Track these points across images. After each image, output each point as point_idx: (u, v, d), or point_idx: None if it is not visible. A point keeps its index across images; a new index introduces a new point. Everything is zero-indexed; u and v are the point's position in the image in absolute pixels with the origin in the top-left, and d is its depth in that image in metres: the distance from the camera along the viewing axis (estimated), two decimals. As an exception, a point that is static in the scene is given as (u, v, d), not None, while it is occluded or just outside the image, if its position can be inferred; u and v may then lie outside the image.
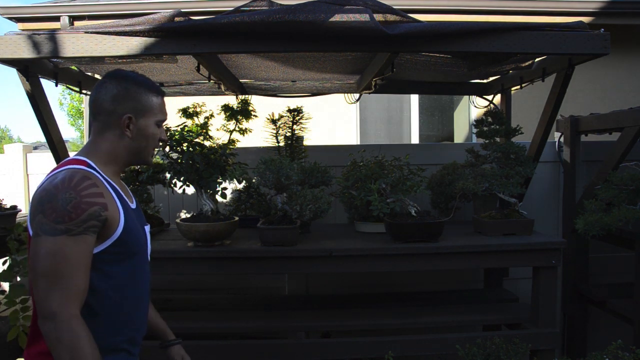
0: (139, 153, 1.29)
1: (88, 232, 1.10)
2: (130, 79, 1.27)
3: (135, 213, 1.31)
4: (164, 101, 1.35)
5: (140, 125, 1.26)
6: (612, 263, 3.21)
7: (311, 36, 1.80)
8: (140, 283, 1.29)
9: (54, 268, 1.06)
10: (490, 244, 2.18)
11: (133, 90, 1.26)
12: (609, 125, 2.63)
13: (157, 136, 1.31)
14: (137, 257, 1.26)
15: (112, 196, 1.18)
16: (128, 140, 1.26)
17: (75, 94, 5.31)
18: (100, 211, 1.12)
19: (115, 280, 1.19)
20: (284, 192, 2.19)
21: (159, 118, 1.30)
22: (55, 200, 1.08)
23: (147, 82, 1.30)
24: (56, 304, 1.05)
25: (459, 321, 2.39)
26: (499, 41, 1.87)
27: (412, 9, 4.34)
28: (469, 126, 5.16)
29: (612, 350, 1.82)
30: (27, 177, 3.33)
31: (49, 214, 1.07)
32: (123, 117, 1.24)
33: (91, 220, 1.10)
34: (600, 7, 4.59)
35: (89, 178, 1.14)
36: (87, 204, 1.10)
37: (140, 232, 1.28)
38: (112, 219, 1.16)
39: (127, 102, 1.25)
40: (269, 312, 2.49)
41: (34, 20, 4.47)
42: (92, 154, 1.24)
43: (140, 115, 1.26)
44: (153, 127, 1.29)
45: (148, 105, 1.27)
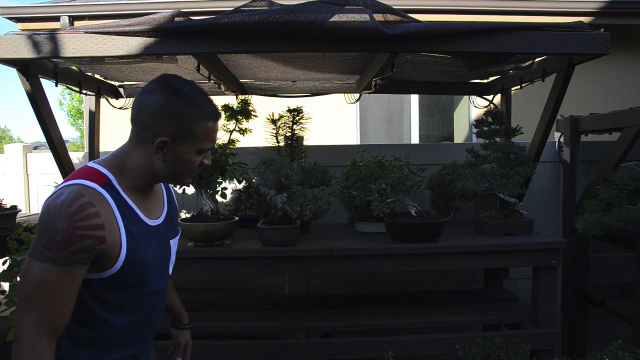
0: (169, 176, 1.16)
1: (76, 264, 1.01)
2: (181, 96, 1.09)
3: (159, 229, 1.22)
4: (216, 126, 1.15)
5: (176, 150, 1.10)
6: (612, 263, 3.21)
7: (311, 36, 1.80)
8: (147, 305, 1.21)
9: (32, 294, 1.01)
10: (490, 244, 2.18)
11: (179, 111, 1.08)
12: (609, 125, 2.63)
13: (196, 164, 1.15)
14: (143, 286, 1.17)
15: (117, 225, 1.07)
16: (159, 162, 1.12)
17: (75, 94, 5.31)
18: (94, 244, 1.02)
19: (111, 305, 1.13)
20: (284, 192, 2.19)
21: (202, 146, 1.13)
22: (50, 225, 1.00)
23: (199, 104, 1.10)
24: (25, 329, 1.00)
25: (459, 321, 2.39)
26: (499, 41, 1.87)
27: (412, 9, 4.34)
28: (469, 126, 5.16)
29: (612, 350, 1.82)
30: (27, 177, 3.33)
31: (42, 237, 1.00)
32: (157, 139, 1.08)
33: (81, 253, 1.01)
34: (600, 7, 4.59)
35: (92, 205, 1.02)
36: (79, 237, 1.00)
37: (152, 256, 1.17)
38: (111, 251, 1.06)
39: (168, 124, 1.08)
40: (269, 312, 2.49)
41: (34, 20, 4.47)
42: (119, 164, 1.13)
43: (179, 141, 1.10)
44: (192, 154, 1.12)
45: (192, 131, 1.10)
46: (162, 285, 1.26)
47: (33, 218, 2.92)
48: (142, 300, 1.19)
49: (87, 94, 2.78)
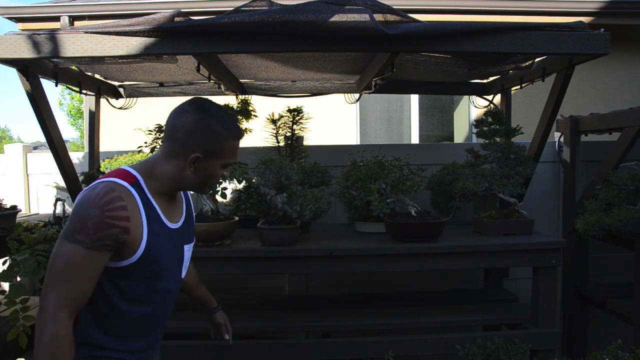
0: (196, 186, 1.33)
1: (102, 249, 1.15)
2: (214, 118, 1.26)
3: (177, 233, 1.35)
4: (238, 144, 1.35)
5: (206, 164, 1.28)
6: (612, 263, 3.21)
7: (311, 36, 1.80)
8: (159, 301, 1.33)
9: (60, 270, 1.14)
10: (490, 244, 2.18)
11: (211, 130, 1.25)
12: (609, 125, 2.63)
13: (219, 175, 1.33)
14: (157, 281, 1.30)
15: (140, 221, 1.21)
16: (189, 173, 1.28)
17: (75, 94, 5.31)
18: (119, 234, 1.16)
19: (127, 295, 1.25)
20: (284, 192, 2.19)
21: (227, 162, 1.32)
22: (83, 212, 1.15)
23: (228, 125, 1.29)
24: (50, 301, 1.13)
25: (459, 321, 2.39)
26: (499, 41, 1.87)
27: (412, 9, 4.34)
28: (469, 126, 5.16)
29: (612, 350, 1.82)
30: (27, 177, 3.33)
31: (75, 222, 1.15)
32: (191, 155, 1.25)
33: (107, 240, 1.15)
34: (600, 7, 4.59)
35: (120, 199, 1.17)
36: (107, 225, 1.15)
37: (167, 257, 1.30)
38: (132, 243, 1.20)
39: (201, 141, 1.25)
40: (269, 312, 2.49)
41: (34, 20, 4.47)
42: (149, 169, 1.28)
43: (209, 156, 1.27)
44: (218, 168, 1.31)
45: (220, 149, 1.28)
46: (174, 285, 1.38)
47: (33, 218, 2.92)
48: (154, 294, 1.30)
49: (87, 94, 2.78)
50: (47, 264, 2.01)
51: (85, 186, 2.58)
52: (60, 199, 2.73)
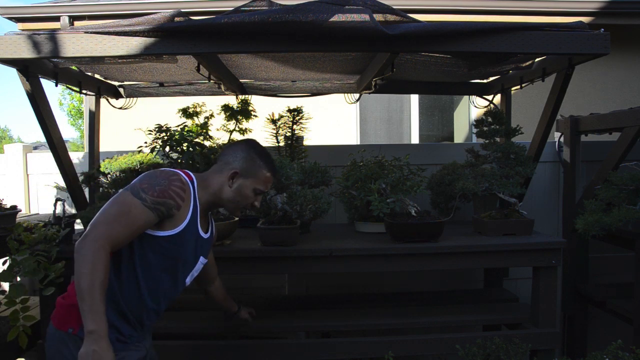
0: (229, 202, 1.58)
1: (154, 212, 1.36)
2: (257, 151, 1.61)
3: (201, 241, 1.57)
4: (271, 179, 1.64)
5: (241, 182, 1.57)
6: (612, 263, 3.21)
7: (311, 36, 1.80)
8: (163, 286, 1.50)
9: (115, 212, 1.33)
10: (490, 244, 2.18)
11: (252, 158, 1.59)
12: (609, 125, 2.63)
13: (250, 200, 1.60)
14: (174, 264, 1.49)
15: (189, 207, 1.46)
16: (227, 188, 1.56)
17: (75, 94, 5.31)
18: (173, 207, 1.40)
19: (148, 264, 1.44)
20: (284, 192, 2.19)
21: (258, 187, 1.59)
22: (154, 178, 1.40)
23: (267, 159, 1.62)
24: (96, 231, 1.29)
25: (459, 321, 2.39)
26: (499, 41, 1.87)
27: (412, 9, 4.35)
28: (469, 126, 5.16)
29: (612, 350, 1.82)
30: (27, 177, 3.33)
31: (143, 182, 1.39)
32: (232, 171, 1.55)
33: (162, 206, 1.37)
34: (600, 7, 4.59)
35: (184, 184, 1.44)
36: (168, 195, 1.39)
37: (189, 251, 1.52)
38: (177, 219, 1.43)
39: (243, 164, 1.57)
40: (269, 312, 2.49)
41: (34, 20, 4.47)
42: (201, 180, 1.55)
43: (245, 177, 1.57)
44: (250, 190, 1.58)
45: (255, 173, 1.58)
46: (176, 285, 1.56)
47: (33, 218, 2.92)
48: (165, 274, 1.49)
49: (87, 94, 2.78)
50: (47, 264, 2.02)
51: (85, 186, 2.59)
52: (60, 199, 2.72)
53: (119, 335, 1.44)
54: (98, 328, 1.23)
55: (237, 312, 2.06)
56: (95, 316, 1.24)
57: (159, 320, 1.66)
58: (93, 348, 1.22)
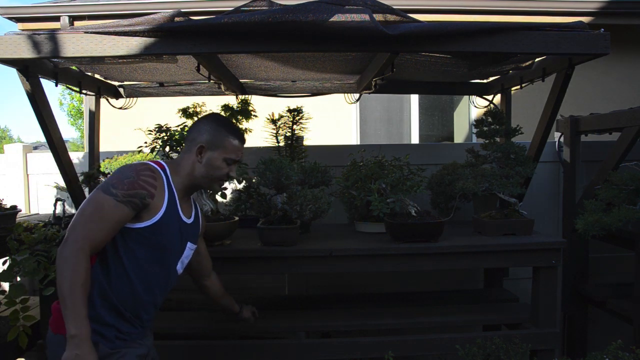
0: (204, 178, 1.56)
1: (128, 205, 1.37)
2: (219, 121, 1.60)
3: (185, 227, 1.57)
4: (241, 145, 1.62)
5: (209, 155, 1.55)
6: (612, 263, 3.21)
7: (311, 36, 1.79)
8: (156, 277, 1.50)
9: (90, 213, 1.34)
10: (490, 244, 2.18)
11: (215, 128, 1.57)
12: (609, 125, 2.63)
13: (223, 170, 1.57)
14: (162, 253, 1.49)
15: (164, 194, 1.47)
16: (198, 165, 1.55)
17: (75, 94, 5.32)
18: (145, 196, 1.40)
19: (135, 258, 1.43)
20: (284, 192, 2.19)
21: (227, 156, 1.57)
22: (122, 172, 1.41)
23: (231, 128, 1.60)
24: (76, 235, 1.30)
25: (459, 321, 2.39)
26: (499, 41, 1.87)
27: (412, 9, 4.34)
28: (469, 126, 5.16)
29: (612, 350, 1.82)
30: (27, 177, 3.33)
31: (113, 178, 1.40)
32: (198, 145, 1.54)
33: (134, 198, 1.38)
34: (600, 7, 4.59)
35: (153, 172, 1.45)
36: (138, 185, 1.39)
37: (174, 237, 1.52)
38: (153, 208, 1.43)
39: (207, 136, 1.55)
40: (269, 312, 2.49)
41: (34, 20, 4.47)
42: (172, 165, 1.55)
43: (212, 148, 1.55)
44: (220, 161, 1.56)
45: (221, 143, 1.56)
46: (168, 274, 1.55)
47: (33, 218, 2.92)
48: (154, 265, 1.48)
49: (87, 94, 2.78)
50: (47, 264, 2.02)
51: (85, 186, 2.59)
52: (60, 199, 2.72)
53: (118, 333, 1.44)
54: (79, 332, 1.24)
55: (239, 313, 2.05)
56: (76, 320, 1.25)
57: (159, 321, 1.66)
58: (75, 352, 1.24)
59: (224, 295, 1.99)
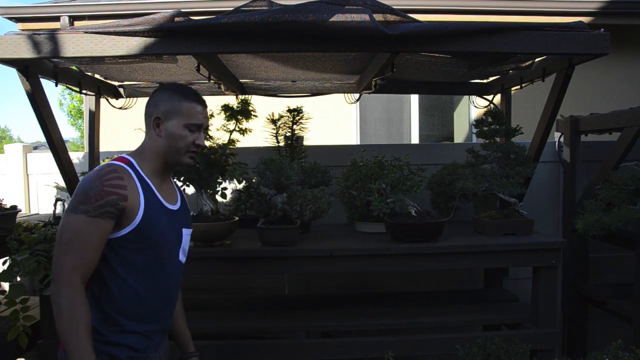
0: (169, 152, 1.42)
1: (103, 217, 1.27)
2: (171, 88, 1.45)
3: (173, 213, 1.46)
4: (201, 109, 1.45)
5: (168, 125, 1.40)
6: (612, 263, 3.21)
7: (311, 36, 1.79)
8: (161, 276, 1.41)
9: (68, 240, 1.25)
10: (490, 244, 2.18)
11: (167, 95, 1.43)
12: (609, 125, 2.63)
13: (187, 138, 1.42)
14: (159, 251, 1.39)
15: (137, 189, 1.34)
16: (160, 139, 1.41)
17: (75, 94, 5.31)
18: (118, 200, 1.28)
19: (132, 266, 1.34)
20: (284, 192, 2.19)
21: (187, 122, 1.41)
22: (84, 186, 1.29)
23: (184, 91, 1.44)
24: (62, 269, 1.23)
25: (459, 321, 2.39)
26: (499, 41, 1.87)
27: (412, 9, 4.34)
28: (469, 126, 5.15)
29: (612, 350, 1.82)
30: (27, 177, 3.33)
31: (77, 196, 1.28)
32: (153, 118, 1.41)
33: (107, 207, 1.27)
34: (600, 7, 4.59)
35: (116, 172, 1.32)
36: (107, 193, 1.27)
37: (165, 229, 1.40)
38: (131, 209, 1.31)
39: (160, 106, 1.41)
40: (269, 312, 2.49)
41: (34, 20, 4.47)
42: (137, 152, 1.44)
43: (169, 117, 1.41)
44: (180, 129, 1.41)
45: (177, 109, 1.41)
46: (174, 268, 1.46)
47: (33, 218, 2.92)
48: (155, 267, 1.39)
49: (87, 94, 2.78)
50: (47, 264, 2.02)
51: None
52: (60, 199, 2.73)
53: (132, 352, 1.37)
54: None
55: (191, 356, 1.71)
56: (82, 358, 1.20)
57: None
58: None
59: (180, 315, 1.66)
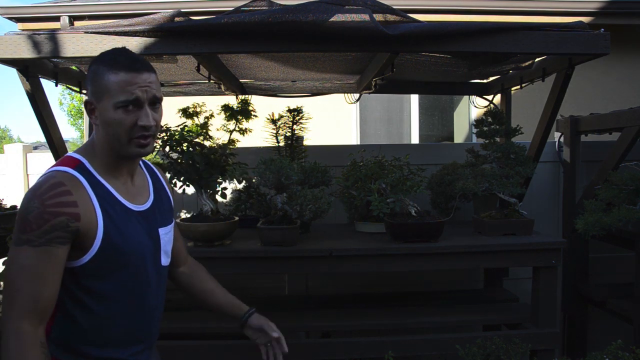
0: (113, 142, 1.12)
1: (52, 244, 1.02)
2: (97, 60, 1.13)
3: (143, 215, 1.21)
4: (132, 76, 1.09)
5: (100, 109, 1.11)
6: (612, 263, 3.21)
7: (311, 36, 1.79)
8: (141, 294, 1.20)
9: (11, 278, 1.02)
10: (490, 244, 2.18)
11: (93, 70, 1.12)
12: (609, 125, 2.63)
13: (125, 121, 1.09)
14: (132, 269, 1.16)
15: (91, 204, 1.08)
16: (99, 128, 1.13)
17: (75, 94, 5.31)
18: (67, 222, 1.03)
19: (102, 295, 1.12)
20: (284, 192, 2.19)
21: (117, 99, 1.08)
22: (23, 209, 1.03)
23: (112, 59, 1.10)
24: (9, 316, 1.01)
25: (459, 321, 2.39)
26: (499, 41, 1.87)
27: (412, 9, 4.34)
28: (469, 126, 5.16)
29: (612, 350, 1.82)
30: (27, 177, 3.33)
31: (18, 223, 1.03)
32: (86, 104, 1.15)
33: (55, 232, 1.02)
34: (600, 7, 4.59)
35: (62, 184, 1.05)
36: (51, 214, 1.02)
37: (137, 239, 1.16)
38: (87, 229, 1.06)
39: (90, 87, 1.13)
40: (269, 312, 2.49)
41: (34, 20, 4.47)
42: (87, 147, 1.18)
43: (99, 99, 1.10)
44: (112, 111, 1.09)
45: (104, 86, 1.09)
46: (154, 275, 1.23)
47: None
48: (130, 289, 1.16)
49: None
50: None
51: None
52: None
53: None
54: None
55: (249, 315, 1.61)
56: None
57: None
58: None
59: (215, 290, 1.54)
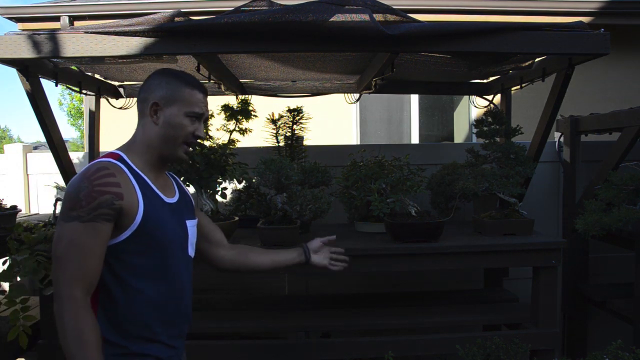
0: (167, 142, 1.30)
1: (98, 220, 1.15)
2: (170, 73, 1.33)
3: (173, 207, 1.34)
4: (202, 97, 1.34)
5: (167, 113, 1.29)
6: (612, 263, 3.21)
7: (311, 36, 1.80)
8: (173, 276, 1.31)
9: (63, 252, 1.14)
10: (490, 244, 2.18)
11: (166, 80, 1.31)
12: (608, 125, 2.63)
13: (187, 128, 1.31)
14: (166, 250, 1.28)
15: (132, 187, 1.22)
16: (157, 127, 1.30)
17: (75, 94, 5.31)
18: (112, 199, 1.17)
19: (138, 270, 1.23)
20: (284, 192, 2.19)
21: (189, 110, 1.30)
22: (72, 189, 1.17)
23: (186, 78, 1.33)
24: (62, 285, 1.13)
25: (459, 321, 2.39)
26: (499, 41, 1.87)
27: (412, 9, 4.34)
28: (469, 126, 5.16)
29: (612, 350, 1.82)
30: (27, 177, 3.33)
31: (66, 202, 1.17)
32: (151, 103, 1.29)
33: (102, 209, 1.15)
34: (600, 7, 4.59)
35: (107, 169, 1.20)
36: (98, 193, 1.16)
37: (170, 225, 1.30)
38: (129, 208, 1.20)
39: (158, 91, 1.30)
40: (269, 312, 2.49)
41: (34, 20, 4.47)
42: (128, 146, 1.33)
43: (169, 103, 1.29)
44: (181, 117, 1.30)
45: (178, 95, 1.30)
46: (183, 266, 1.36)
47: (33, 218, 2.92)
48: (162, 268, 1.28)
49: (87, 94, 2.78)
50: (47, 263, 2.02)
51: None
52: (60, 199, 2.72)
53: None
54: None
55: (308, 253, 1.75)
56: None
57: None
58: None
59: (262, 252, 1.67)
